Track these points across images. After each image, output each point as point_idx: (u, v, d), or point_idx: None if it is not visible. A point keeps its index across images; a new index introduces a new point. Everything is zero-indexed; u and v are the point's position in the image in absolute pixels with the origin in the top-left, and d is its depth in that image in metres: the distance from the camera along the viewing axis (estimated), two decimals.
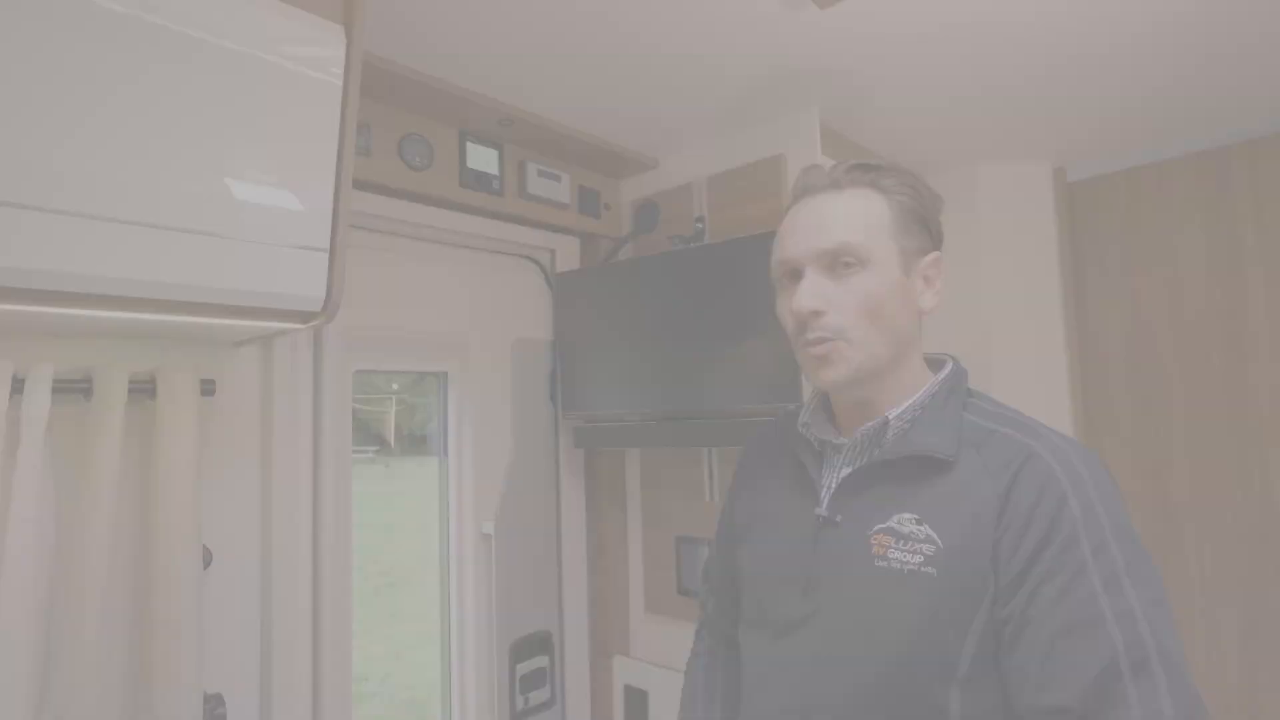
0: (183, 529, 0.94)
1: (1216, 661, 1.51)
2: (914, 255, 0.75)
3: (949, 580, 0.65)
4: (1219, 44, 1.16)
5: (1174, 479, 1.58)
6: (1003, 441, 0.69)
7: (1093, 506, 0.63)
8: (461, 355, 1.45)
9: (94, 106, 0.68)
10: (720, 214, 1.48)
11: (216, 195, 0.77)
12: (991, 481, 0.67)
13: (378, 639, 1.45)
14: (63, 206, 0.67)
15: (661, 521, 1.56)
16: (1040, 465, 0.65)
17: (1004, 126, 1.49)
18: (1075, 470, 0.65)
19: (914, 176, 0.77)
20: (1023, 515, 0.64)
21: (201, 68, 0.75)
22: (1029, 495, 0.64)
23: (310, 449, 1.17)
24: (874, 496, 0.73)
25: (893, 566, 0.68)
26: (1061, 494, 0.63)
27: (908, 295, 0.75)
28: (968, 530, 0.66)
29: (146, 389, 0.96)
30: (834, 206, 0.75)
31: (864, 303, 0.73)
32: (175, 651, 0.92)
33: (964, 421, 0.72)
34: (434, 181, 1.30)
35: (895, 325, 0.74)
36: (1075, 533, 0.62)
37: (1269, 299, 1.48)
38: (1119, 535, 0.62)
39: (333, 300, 0.88)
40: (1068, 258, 1.73)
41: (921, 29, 1.09)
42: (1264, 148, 1.49)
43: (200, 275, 0.78)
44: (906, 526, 0.69)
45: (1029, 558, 0.63)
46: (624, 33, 1.08)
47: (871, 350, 0.73)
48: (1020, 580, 0.63)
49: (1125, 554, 0.61)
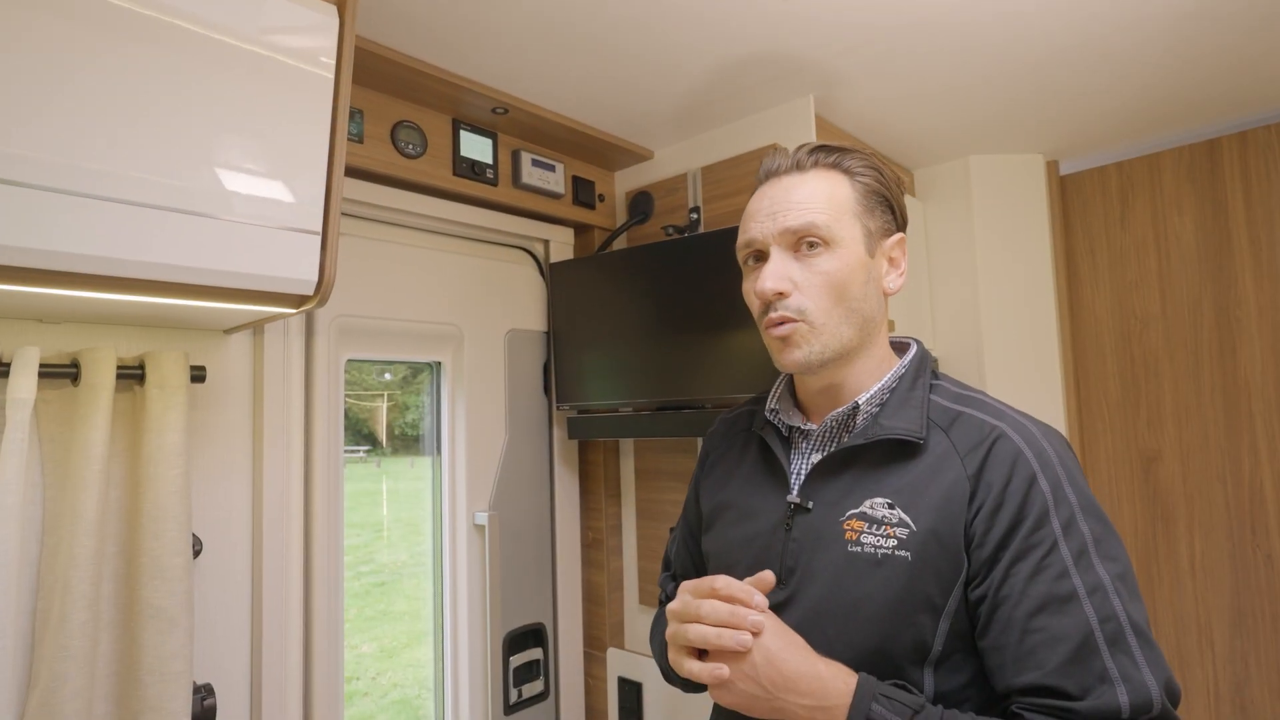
0: (172, 517, 0.93)
1: (1206, 649, 1.52)
2: (878, 236, 0.75)
3: (923, 563, 0.66)
4: (1209, 36, 1.17)
5: (1164, 468, 1.59)
6: (969, 423, 0.70)
7: (1060, 483, 0.64)
8: (455, 346, 1.44)
9: (84, 85, 0.67)
10: (715, 204, 1.48)
11: (208, 176, 0.76)
12: (961, 463, 0.67)
13: (368, 638, 1.43)
14: (51, 184, 0.66)
15: (655, 513, 1.55)
16: (1008, 446, 0.66)
17: (997, 118, 1.50)
18: (1041, 448, 0.66)
19: (876, 159, 0.77)
20: (994, 496, 0.64)
21: (193, 47, 0.74)
22: (999, 476, 0.65)
23: (301, 438, 1.16)
24: (845, 482, 0.72)
25: (866, 551, 0.68)
26: (1030, 473, 0.64)
27: (872, 276, 0.75)
28: (940, 513, 0.66)
29: (135, 374, 0.94)
30: (798, 188, 0.74)
31: (828, 283, 0.72)
32: (164, 640, 0.90)
33: (931, 404, 0.73)
34: (427, 170, 1.29)
35: (860, 306, 0.73)
36: (1045, 510, 0.63)
37: (1258, 290, 1.49)
38: (1086, 510, 0.63)
39: (325, 283, 0.87)
40: (1060, 249, 1.74)
41: (914, 18, 1.09)
42: (1253, 139, 1.50)
43: (191, 256, 0.77)
44: (879, 511, 0.69)
45: (1001, 538, 0.63)
46: (617, 21, 1.08)
47: (836, 331, 0.73)
48: (993, 560, 0.64)
49: (1093, 529, 0.63)
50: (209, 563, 1.06)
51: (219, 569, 1.07)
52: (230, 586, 1.08)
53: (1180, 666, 1.54)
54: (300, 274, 0.85)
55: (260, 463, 1.11)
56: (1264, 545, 1.47)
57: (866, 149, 0.79)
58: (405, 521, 1.47)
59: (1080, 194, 1.74)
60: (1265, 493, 1.47)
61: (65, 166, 0.67)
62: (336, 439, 1.23)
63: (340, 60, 0.85)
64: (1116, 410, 1.66)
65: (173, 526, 0.93)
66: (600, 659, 1.58)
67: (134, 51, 0.70)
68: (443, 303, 1.41)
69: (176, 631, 0.91)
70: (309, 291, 0.86)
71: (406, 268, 1.36)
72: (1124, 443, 1.65)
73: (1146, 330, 1.63)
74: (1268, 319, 1.48)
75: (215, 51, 0.76)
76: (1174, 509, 1.58)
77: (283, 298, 0.86)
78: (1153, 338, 1.62)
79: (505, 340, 1.51)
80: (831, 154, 0.76)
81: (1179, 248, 1.60)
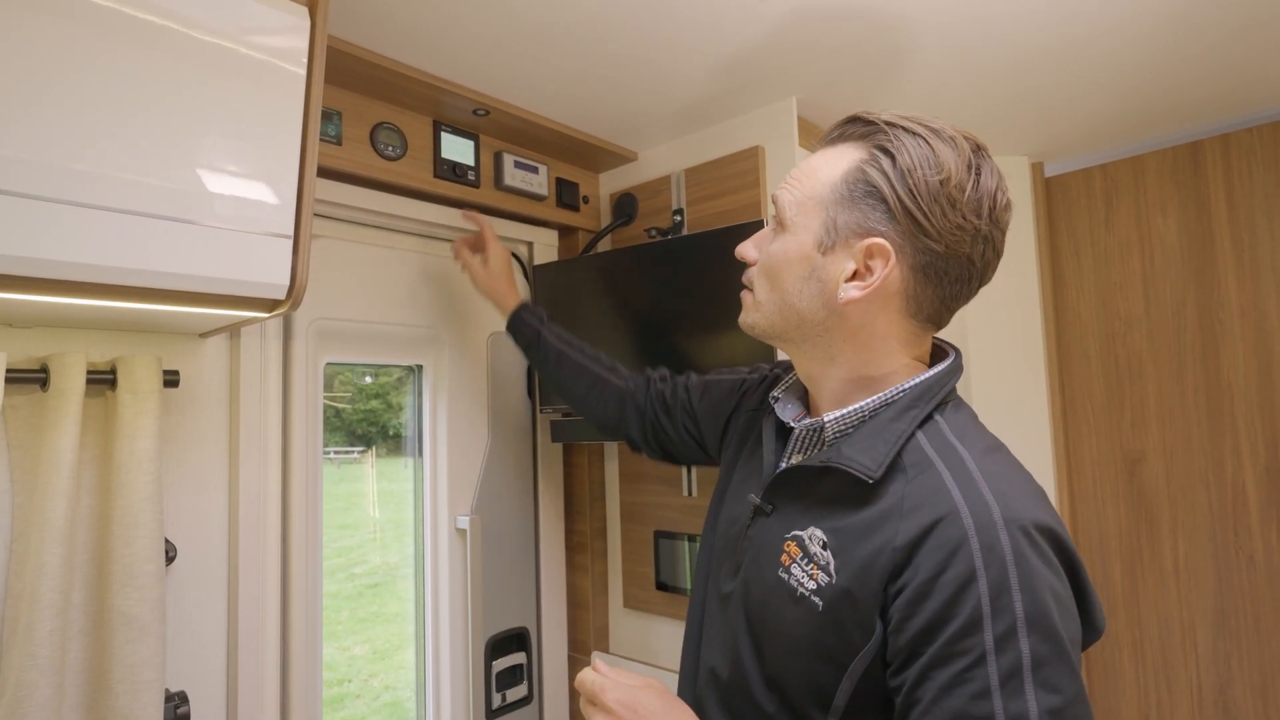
0: (143, 523, 0.92)
1: (1190, 650, 1.52)
2: (847, 234, 0.64)
3: (830, 618, 0.61)
4: (1192, 40, 1.17)
5: (1148, 469, 1.60)
6: (931, 482, 0.60)
7: (1007, 589, 0.53)
8: (436, 349, 1.43)
9: (49, 87, 0.66)
10: (699, 206, 1.47)
11: (176, 180, 0.75)
12: (900, 526, 0.59)
13: (361, 640, 1.43)
14: (13, 188, 0.65)
15: (640, 516, 1.55)
16: (953, 532, 0.56)
17: (982, 120, 1.50)
18: (994, 541, 0.55)
19: (926, 149, 0.62)
20: (921, 582, 0.56)
21: (162, 49, 0.73)
22: (932, 562, 0.56)
23: (279, 442, 1.15)
24: (804, 497, 0.68)
25: (789, 583, 0.65)
26: (970, 571, 0.54)
27: (816, 275, 0.66)
28: (860, 576, 0.60)
29: (107, 379, 0.93)
30: (810, 160, 0.70)
31: (765, 265, 0.71)
32: (135, 649, 0.89)
33: (914, 441, 0.63)
34: (407, 172, 1.28)
35: (793, 301, 0.68)
36: (978, 617, 0.53)
37: (1240, 291, 1.50)
38: (1032, 627, 0.53)
39: (297, 287, 0.86)
40: (1045, 250, 1.74)
41: (895, 19, 1.09)
42: (1235, 141, 1.51)
43: (159, 261, 0.76)
44: (813, 545, 0.64)
45: (922, 632, 0.55)
46: (599, 22, 1.07)
47: (766, 313, 0.71)
48: (912, 655, 0.56)
49: (1035, 649, 0.52)
50: (184, 569, 1.05)
51: (194, 575, 1.06)
52: (205, 593, 1.07)
53: (1164, 668, 1.55)
54: (272, 278, 0.84)
55: (236, 467, 1.10)
56: (1246, 546, 1.47)
57: (964, 134, 0.64)
58: (399, 522, 1.47)
59: (1065, 195, 1.74)
60: (1247, 494, 1.47)
61: (27, 170, 0.66)
62: (315, 443, 1.21)
63: (312, 62, 0.84)
64: (1101, 412, 1.66)
65: (144, 533, 0.92)
66: (585, 662, 1.57)
67: (98, 50, 0.69)
68: (424, 305, 1.40)
69: (148, 639, 0.90)
70: (281, 296, 0.86)
71: (387, 270, 1.35)
72: (1108, 444, 1.65)
73: (1131, 332, 1.63)
74: (1250, 320, 1.48)
75: (184, 52, 0.75)
76: (1158, 510, 1.58)
77: (254, 302, 0.85)
78: (1137, 339, 1.62)
79: (488, 343, 1.50)
80: (868, 126, 0.65)
81: (1163, 249, 1.60)
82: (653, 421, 1.06)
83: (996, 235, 0.65)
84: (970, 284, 0.66)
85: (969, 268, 0.65)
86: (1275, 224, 1.46)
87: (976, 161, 0.63)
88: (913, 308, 0.66)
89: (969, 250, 0.63)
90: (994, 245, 0.65)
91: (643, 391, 1.08)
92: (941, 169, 0.61)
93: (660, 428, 1.05)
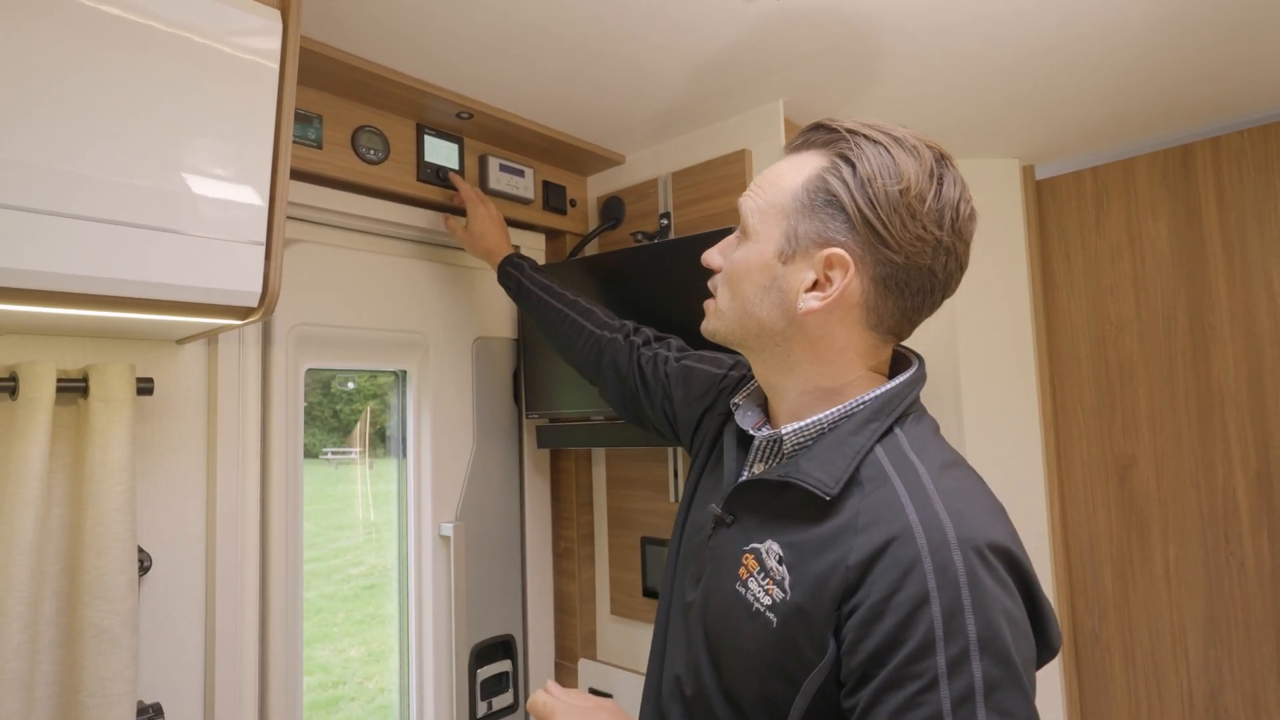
0: (115, 533, 0.90)
1: (1181, 656, 1.51)
2: (809, 243, 0.63)
3: (785, 635, 0.60)
4: (1183, 42, 1.16)
5: (1139, 474, 1.59)
6: (886, 497, 0.58)
7: (960, 611, 0.53)
8: (420, 354, 1.42)
9: (15, 92, 0.65)
10: (686, 210, 1.46)
11: (143, 187, 0.74)
12: (854, 543, 0.58)
13: (357, 641, 1.42)
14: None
15: (627, 522, 1.54)
16: (907, 552, 0.55)
17: (972, 122, 1.49)
18: (947, 561, 0.54)
19: (887, 157, 0.61)
20: (875, 603, 0.55)
21: (131, 54, 0.72)
22: (886, 582, 0.55)
23: (257, 449, 1.14)
24: (763, 510, 0.67)
25: (745, 597, 0.64)
26: (923, 592, 0.53)
27: (777, 284, 0.65)
28: (814, 593, 0.59)
29: (79, 387, 0.92)
30: (772, 169, 0.69)
31: (728, 273, 0.71)
32: (106, 661, 0.88)
33: (872, 455, 0.62)
34: (389, 175, 1.27)
35: (753, 310, 0.67)
36: (930, 640, 0.52)
37: (1230, 295, 1.49)
38: (985, 649, 0.52)
39: (270, 295, 0.85)
40: (1035, 254, 1.73)
41: (882, 22, 1.08)
42: (1225, 144, 1.50)
43: (128, 269, 0.74)
44: (770, 559, 0.63)
45: (875, 653, 0.54)
46: (583, 24, 1.06)
47: (727, 320, 0.71)
48: (865, 677, 0.55)
49: (988, 673, 0.52)
50: (160, 578, 1.03)
51: (170, 584, 1.04)
52: (182, 602, 1.06)
53: (1155, 674, 1.54)
54: (243, 285, 0.83)
55: (214, 475, 1.09)
56: (1237, 552, 1.46)
57: (928, 142, 0.63)
58: (394, 524, 1.47)
59: (1056, 198, 1.73)
60: (1238, 499, 1.46)
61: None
62: (296, 450, 1.20)
63: (284, 66, 0.83)
64: (1092, 416, 1.65)
65: (115, 544, 0.90)
66: (572, 670, 1.56)
67: (62, 53, 0.68)
68: (408, 310, 1.39)
69: (119, 651, 0.89)
70: (253, 303, 0.84)
71: (369, 275, 1.34)
72: (1099, 449, 1.64)
73: (1121, 335, 1.62)
74: (1240, 324, 1.47)
75: (153, 55, 0.73)
76: (1148, 515, 1.57)
77: (226, 309, 0.84)
78: (1127, 343, 1.61)
79: (473, 348, 1.49)
80: (831, 134, 0.64)
81: (1153, 252, 1.59)
82: (631, 391, 1.04)
83: (959, 247, 0.64)
84: (932, 296, 0.65)
85: (930, 279, 0.64)
86: (1266, 227, 1.46)
87: (939, 171, 0.62)
88: (873, 320, 0.65)
89: (930, 262, 0.63)
90: (956, 257, 0.64)
91: (625, 356, 1.05)
92: (902, 178, 0.60)
93: (637, 400, 1.03)
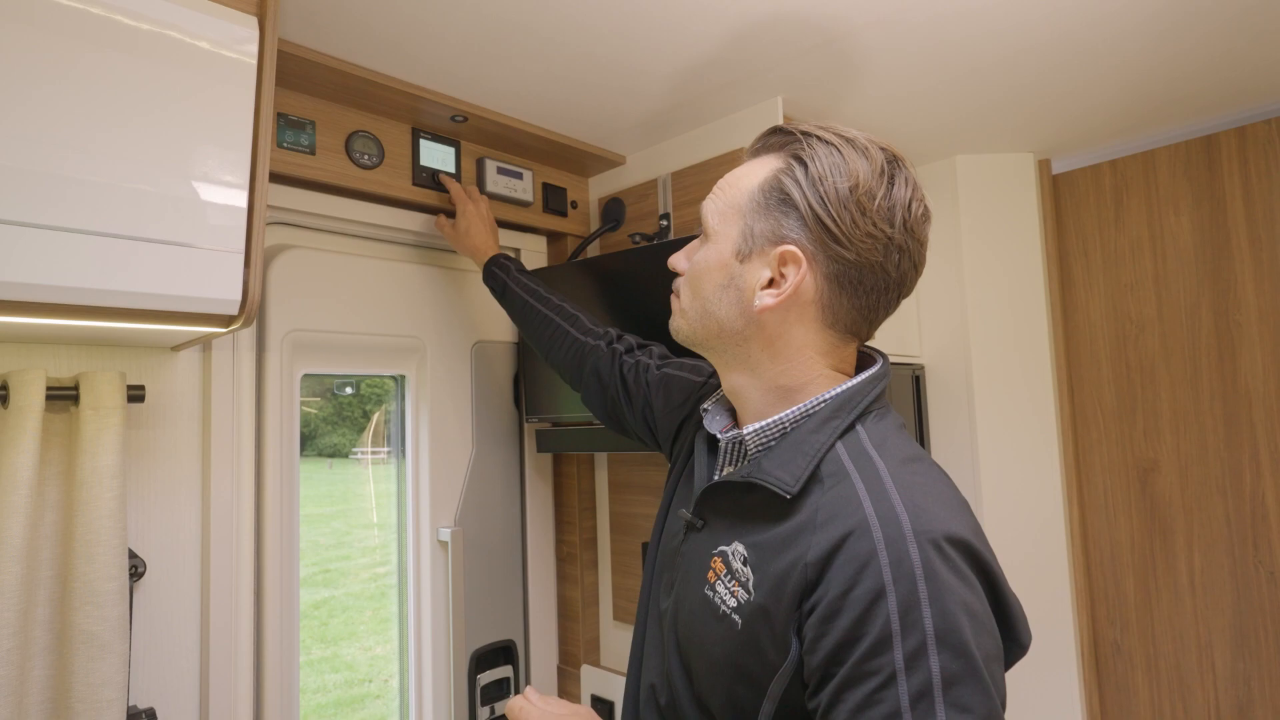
0: (106, 540, 0.91)
1: (1207, 669, 1.44)
2: (764, 241, 0.65)
3: (749, 636, 0.60)
4: (1199, 24, 1.10)
5: (1162, 479, 1.52)
6: (844, 493, 0.59)
7: (916, 604, 0.52)
8: (419, 358, 1.41)
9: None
10: (686, 210, 1.44)
11: (119, 195, 0.74)
12: (813, 540, 0.58)
13: (383, 639, 1.44)
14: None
15: (630, 527, 1.52)
16: (863, 546, 0.55)
17: (983, 116, 1.44)
18: (903, 554, 0.54)
19: (837, 156, 0.63)
20: (832, 599, 0.55)
21: (106, 55, 0.72)
22: (842, 578, 0.55)
23: (252, 455, 1.14)
24: (730, 512, 0.67)
25: (713, 600, 0.64)
26: (879, 587, 0.53)
27: (735, 283, 0.67)
28: (774, 592, 0.59)
29: (70, 395, 0.93)
30: (733, 173, 0.71)
31: (690, 274, 0.72)
32: (96, 667, 0.89)
33: (833, 452, 0.62)
34: (384, 180, 1.27)
35: (714, 310, 0.68)
36: (887, 635, 0.52)
37: (1259, 292, 1.42)
38: (942, 644, 0.52)
39: (249, 303, 0.84)
40: (1052, 251, 1.67)
41: (889, 13, 1.05)
42: (1251, 134, 1.43)
43: (105, 279, 0.75)
44: (735, 561, 0.63)
45: (833, 651, 0.54)
46: (573, 24, 1.04)
47: (689, 320, 0.72)
48: (825, 676, 0.55)
49: (945, 667, 0.51)
50: (154, 583, 1.04)
51: (164, 590, 1.05)
52: (176, 607, 1.06)
53: (1180, 688, 1.47)
54: (222, 294, 0.83)
55: (208, 481, 1.09)
56: (1267, 562, 1.39)
57: (881, 144, 0.65)
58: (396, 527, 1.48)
59: (1073, 193, 1.67)
60: (1268, 506, 1.39)
61: None
62: (291, 456, 1.20)
63: (261, 72, 0.83)
64: (1112, 419, 1.59)
65: (106, 550, 0.91)
66: (574, 675, 1.55)
67: (35, 58, 0.68)
68: (405, 315, 1.39)
69: (109, 657, 0.90)
70: (233, 311, 0.84)
71: (366, 280, 1.33)
72: (1120, 453, 1.58)
73: (1142, 335, 1.56)
74: (1269, 323, 1.40)
75: (130, 65, 0.73)
76: (1172, 522, 1.51)
77: (206, 318, 0.84)
78: (1149, 342, 1.55)
79: (472, 352, 1.48)
80: (786, 136, 0.67)
81: (1175, 248, 1.52)
82: (613, 399, 1.04)
83: (913, 246, 0.65)
84: (888, 294, 0.66)
85: (884, 278, 0.64)
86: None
87: (890, 170, 0.64)
88: (829, 318, 0.66)
89: (882, 259, 0.63)
90: (910, 256, 0.65)
91: (607, 364, 1.05)
92: (851, 176, 0.62)
93: (619, 407, 1.03)
